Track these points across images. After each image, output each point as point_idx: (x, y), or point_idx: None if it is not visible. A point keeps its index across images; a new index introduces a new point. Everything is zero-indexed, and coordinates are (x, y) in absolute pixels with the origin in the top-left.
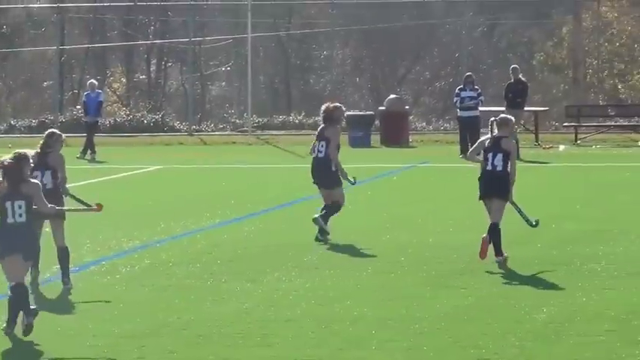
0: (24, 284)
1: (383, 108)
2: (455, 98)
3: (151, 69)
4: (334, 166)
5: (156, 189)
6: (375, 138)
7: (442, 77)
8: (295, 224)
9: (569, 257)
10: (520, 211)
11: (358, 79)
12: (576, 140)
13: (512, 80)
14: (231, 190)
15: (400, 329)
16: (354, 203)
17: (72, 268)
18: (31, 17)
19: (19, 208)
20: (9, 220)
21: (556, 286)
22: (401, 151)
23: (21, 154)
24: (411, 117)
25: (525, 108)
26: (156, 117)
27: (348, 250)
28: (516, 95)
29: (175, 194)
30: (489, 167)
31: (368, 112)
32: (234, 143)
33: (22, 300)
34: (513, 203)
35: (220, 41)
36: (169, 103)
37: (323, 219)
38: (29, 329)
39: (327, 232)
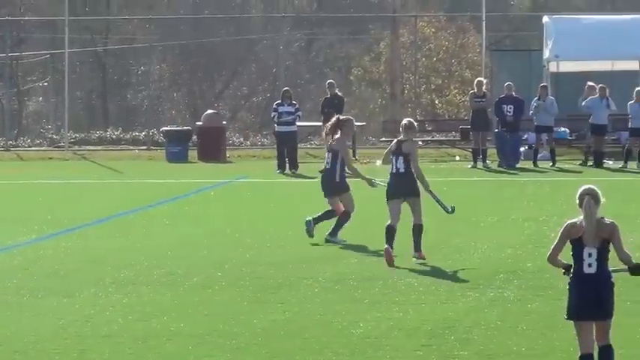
0: None
1: (200, 123)
2: (272, 113)
3: None
4: (338, 177)
5: None
6: (193, 153)
7: (260, 92)
8: (112, 240)
9: (386, 272)
10: (437, 200)
11: (176, 95)
12: None
13: (328, 95)
14: (47, 206)
15: (217, 344)
16: (172, 218)
17: None
18: None
19: None
20: None
21: (373, 301)
22: (218, 167)
23: None
24: (229, 132)
25: None
26: None
27: (166, 266)
28: (333, 110)
29: None
30: (394, 170)
31: (185, 127)
32: (50, 159)
33: None
34: (430, 192)
35: (38, 56)
36: None
37: (333, 236)
38: None
39: (344, 241)
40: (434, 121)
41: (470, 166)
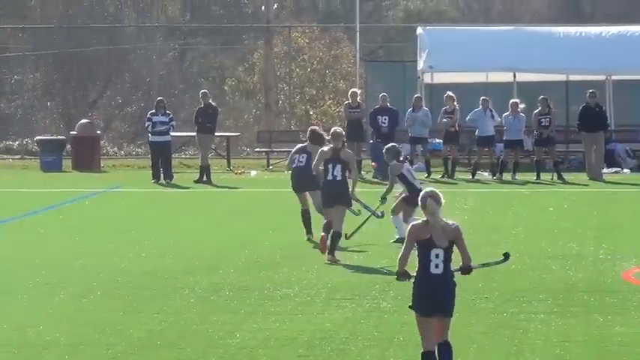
0: None
1: (74, 132)
2: (147, 123)
3: None
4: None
5: None
6: (67, 162)
7: (134, 102)
8: None
9: (261, 282)
10: (365, 206)
11: (49, 104)
12: (268, 165)
13: (202, 105)
14: None
15: (93, 354)
16: (46, 228)
17: None
18: None
19: None
20: None
21: (249, 311)
22: (93, 176)
23: None
24: (103, 141)
25: (216, 133)
26: None
27: (41, 275)
28: (206, 120)
29: None
30: (330, 177)
31: (59, 137)
32: None
33: None
34: (358, 200)
35: None
36: None
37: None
38: None
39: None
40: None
41: None
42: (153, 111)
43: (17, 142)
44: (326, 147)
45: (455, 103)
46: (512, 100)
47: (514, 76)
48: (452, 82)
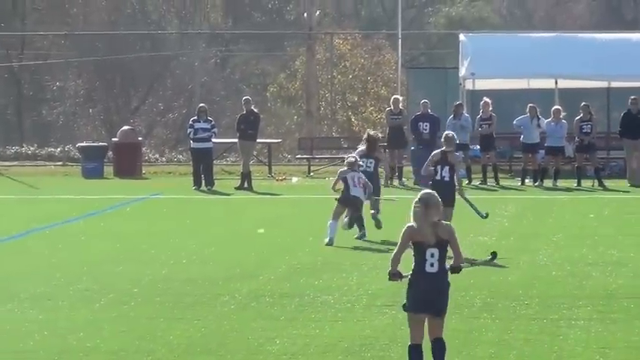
0: None
1: (116, 139)
2: (188, 129)
3: None
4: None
5: None
6: (109, 169)
7: (175, 108)
8: (28, 255)
9: (302, 289)
10: (472, 205)
11: (91, 111)
12: (309, 172)
13: (244, 112)
14: None
15: None
16: (87, 234)
17: None
18: None
19: None
20: None
21: (289, 318)
22: (134, 183)
23: None
24: (144, 148)
25: (258, 140)
26: None
27: (82, 282)
28: (248, 127)
29: None
30: (438, 177)
31: (101, 144)
32: None
33: None
34: (466, 198)
35: None
36: None
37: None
38: None
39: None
40: (350, 139)
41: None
42: (195, 117)
43: (59, 149)
44: (438, 150)
45: (490, 109)
46: (554, 107)
47: (556, 83)
48: (493, 89)
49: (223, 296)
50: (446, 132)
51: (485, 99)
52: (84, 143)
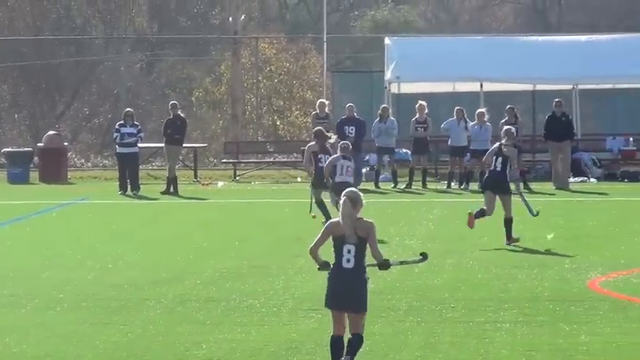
0: None
1: (41, 144)
2: (114, 134)
3: None
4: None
5: None
6: (34, 174)
7: (101, 113)
8: None
9: (228, 293)
10: (525, 202)
11: (17, 116)
12: (235, 176)
13: (171, 116)
14: None
15: None
16: (13, 240)
17: None
18: None
19: None
20: None
21: (215, 323)
22: (60, 188)
23: None
24: (70, 153)
25: (184, 144)
26: None
27: (7, 287)
28: (175, 131)
29: None
30: (492, 167)
31: (27, 149)
32: None
33: None
34: (521, 194)
35: None
36: None
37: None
38: None
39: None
40: (276, 143)
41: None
42: (121, 122)
43: None
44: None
45: (426, 113)
46: (478, 110)
47: (481, 86)
48: (419, 92)
49: (149, 301)
50: (507, 127)
51: (420, 102)
52: (9, 148)
